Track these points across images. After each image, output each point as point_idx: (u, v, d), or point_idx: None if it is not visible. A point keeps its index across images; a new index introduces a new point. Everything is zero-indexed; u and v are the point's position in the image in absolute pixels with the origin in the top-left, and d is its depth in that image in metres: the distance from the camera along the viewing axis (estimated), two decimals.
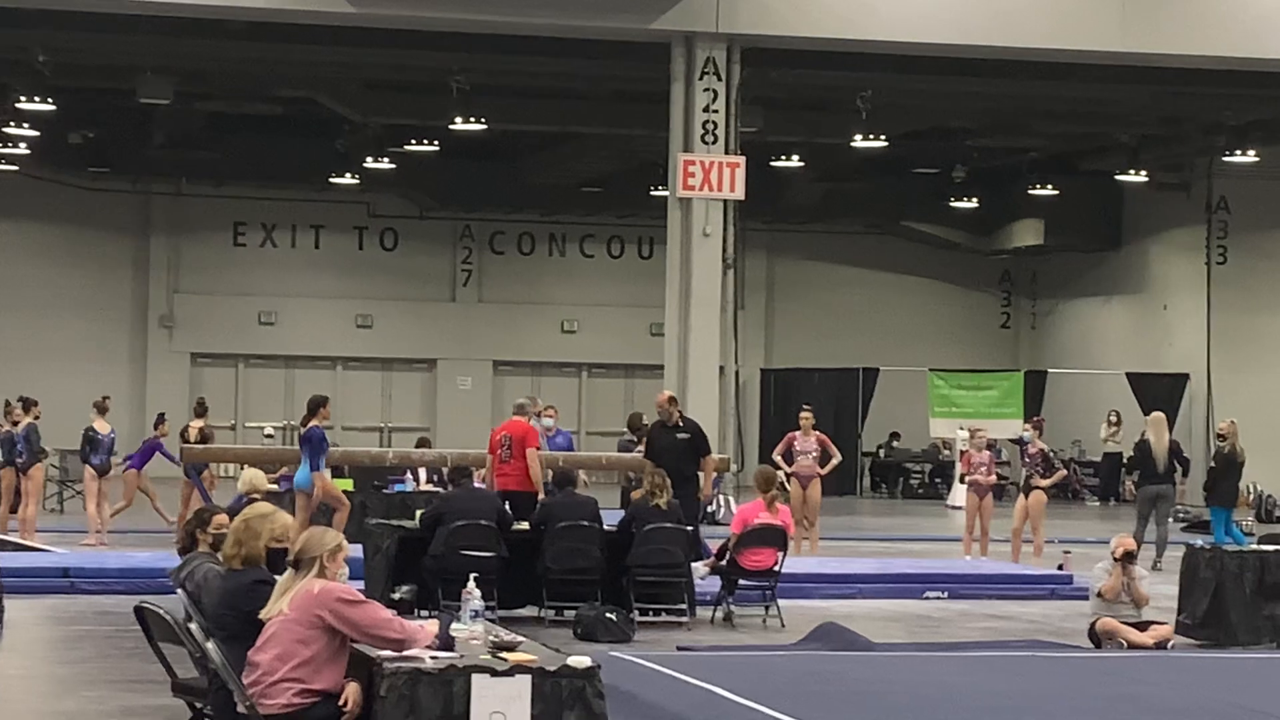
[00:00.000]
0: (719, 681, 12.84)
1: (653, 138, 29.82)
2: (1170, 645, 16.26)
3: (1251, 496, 34.54)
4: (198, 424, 25.48)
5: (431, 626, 9.05)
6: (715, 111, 27.27)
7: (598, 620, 16.34)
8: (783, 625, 17.29)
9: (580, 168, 38.68)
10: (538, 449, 19.66)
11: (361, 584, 17.02)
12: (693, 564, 17.84)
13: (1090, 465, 39.62)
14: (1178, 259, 39.31)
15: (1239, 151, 34.71)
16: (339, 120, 34.84)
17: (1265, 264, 37.78)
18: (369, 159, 36.98)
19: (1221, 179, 37.45)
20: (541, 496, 18.71)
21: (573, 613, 16.77)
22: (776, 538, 17.78)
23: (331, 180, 38.93)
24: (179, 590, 10.32)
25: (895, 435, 40.89)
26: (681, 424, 20.20)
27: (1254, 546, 18.43)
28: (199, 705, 9.96)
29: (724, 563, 17.83)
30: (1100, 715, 12.48)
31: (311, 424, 20.21)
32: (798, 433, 24.21)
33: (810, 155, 36.21)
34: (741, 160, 27.37)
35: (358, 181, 38.84)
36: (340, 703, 8.76)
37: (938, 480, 39.58)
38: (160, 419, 26.60)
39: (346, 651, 8.90)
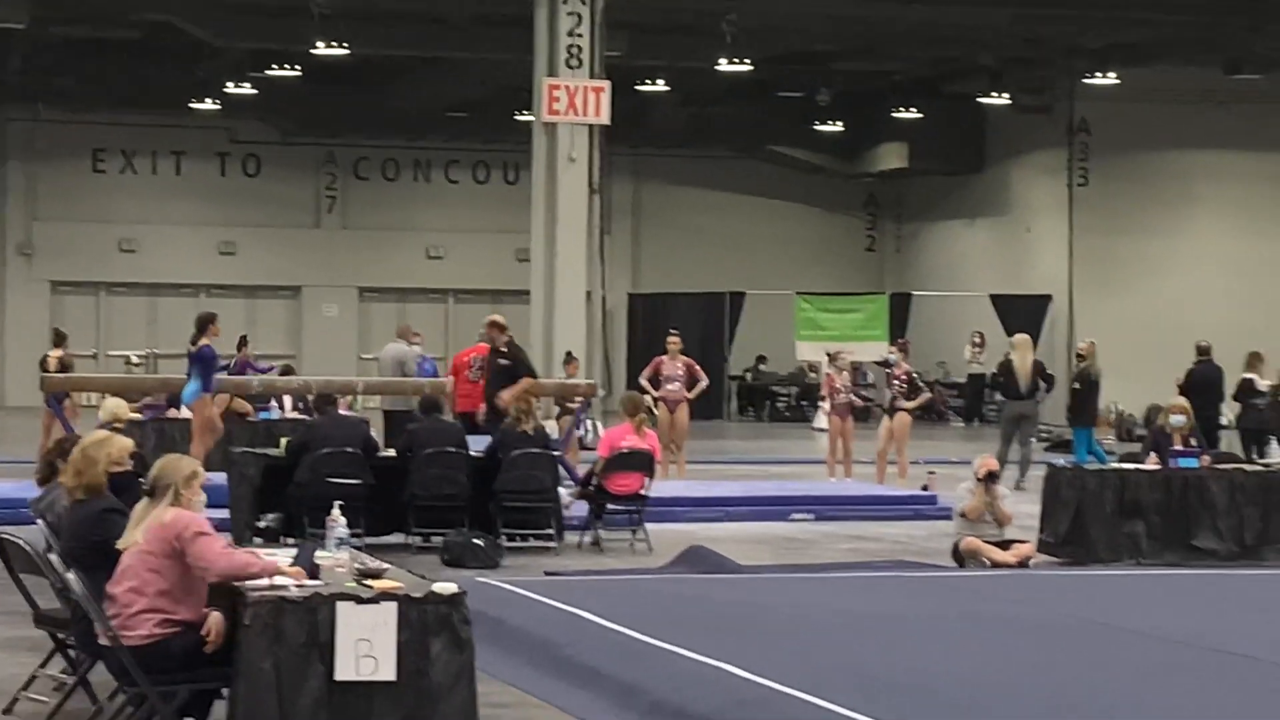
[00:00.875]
0: (586, 605, 12.87)
1: (517, 62, 29.62)
2: (1032, 563, 16.48)
3: (1113, 416, 34.95)
4: (56, 353, 25.18)
5: (279, 558, 8.99)
6: (579, 35, 27.12)
7: (465, 546, 16.35)
8: (650, 549, 17.36)
9: (444, 93, 38.40)
10: None
11: (227, 513, 16.94)
12: (560, 490, 17.88)
13: (955, 386, 39.97)
14: (1040, 181, 39.59)
15: (1100, 74, 34.93)
16: (199, 45, 34.35)
17: (1125, 186, 38.15)
18: (230, 84, 36.50)
19: (1083, 101, 37.71)
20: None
21: (440, 539, 16.76)
22: (643, 462, 17.82)
23: (192, 106, 38.43)
24: (39, 521, 10.21)
25: (762, 359, 41.06)
26: (505, 350, 20.36)
27: (1114, 465, 18.69)
28: (61, 636, 9.88)
29: (591, 487, 17.86)
30: (963, 633, 12.62)
31: (202, 342, 19.98)
32: (665, 357, 24.24)
33: (675, 79, 36.10)
34: (606, 85, 27.25)
35: (219, 107, 38.36)
36: (203, 632, 8.69)
37: (804, 403, 39.78)
38: (243, 340, 27.57)
39: (206, 581, 8.83)
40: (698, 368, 24.35)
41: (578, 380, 24.18)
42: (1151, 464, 17.64)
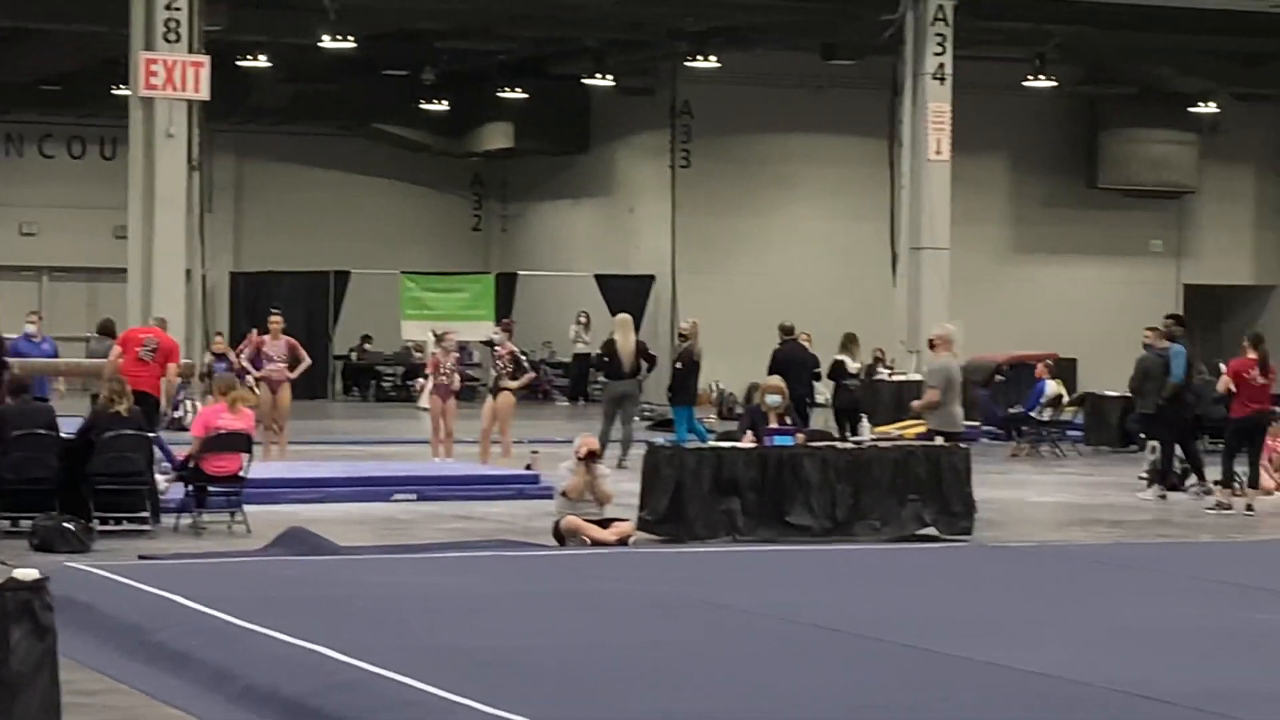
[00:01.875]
0: (179, 590, 12.63)
1: (113, 34, 28.95)
2: (632, 541, 16.65)
3: (714, 395, 35.55)
4: None
5: None
6: (178, 9, 26.63)
7: (55, 530, 15.97)
8: (248, 531, 17.12)
9: (37, 65, 37.29)
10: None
11: None
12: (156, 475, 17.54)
13: (560, 366, 40.26)
14: (644, 162, 40.04)
15: (701, 57, 35.50)
16: None
17: (725, 167, 38.82)
18: None
19: (685, 84, 38.26)
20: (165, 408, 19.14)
21: (29, 523, 16.32)
22: (240, 442, 17.58)
23: None
24: None
25: (367, 338, 40.84)
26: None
27: (712, 444, 18.98)
28: None
29: (188, 468, 17.55)
30: (563, 611, 12.69)
31: None
32: (267, 337, 23.93)
33: (278, 55, 35.67)
34: (206, 60, 26.83)
35: None
36: None
37: (410, 383, 39.65)
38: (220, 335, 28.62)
39: None
40: (300, 347, 24.08)
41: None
42: (748, 442, 17.94)
